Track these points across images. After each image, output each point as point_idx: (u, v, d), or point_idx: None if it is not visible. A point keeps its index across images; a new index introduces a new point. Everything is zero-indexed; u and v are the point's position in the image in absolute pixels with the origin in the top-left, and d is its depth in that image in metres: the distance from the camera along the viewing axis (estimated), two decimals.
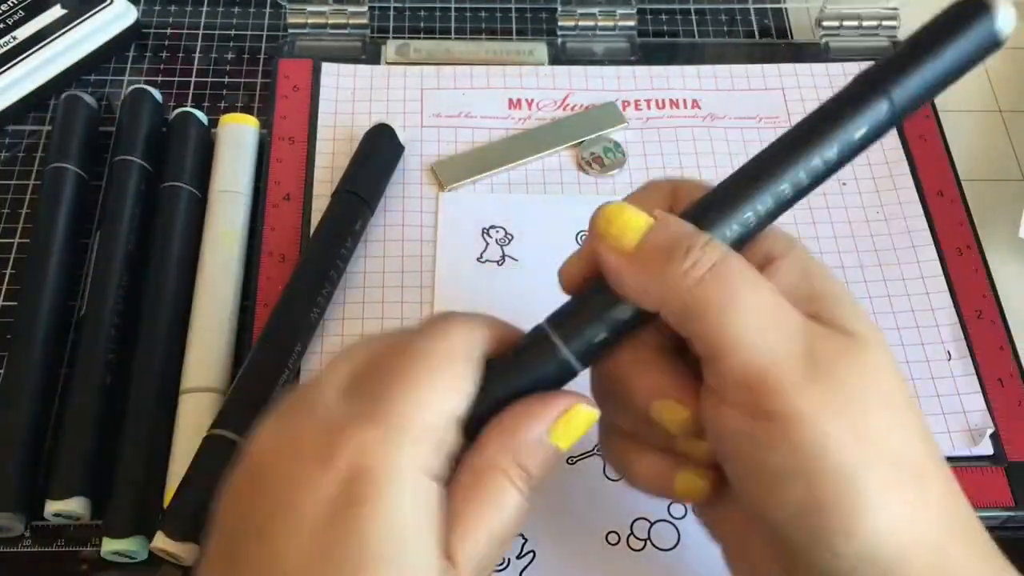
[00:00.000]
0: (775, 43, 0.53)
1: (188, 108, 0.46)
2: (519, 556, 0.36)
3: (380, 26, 0.52)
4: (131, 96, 0.46)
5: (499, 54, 0.50)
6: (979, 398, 0.40)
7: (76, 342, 0.40)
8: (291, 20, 0.50)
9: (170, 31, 0.52)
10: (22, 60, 0.47)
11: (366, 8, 0.51)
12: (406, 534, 0.22)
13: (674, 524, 0.37)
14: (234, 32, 0.52)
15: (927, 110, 0.48)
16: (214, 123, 0.46)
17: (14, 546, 0.37)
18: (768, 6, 0.54)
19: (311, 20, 0.50)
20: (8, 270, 0.43)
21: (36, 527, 0.37)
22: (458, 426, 0.25)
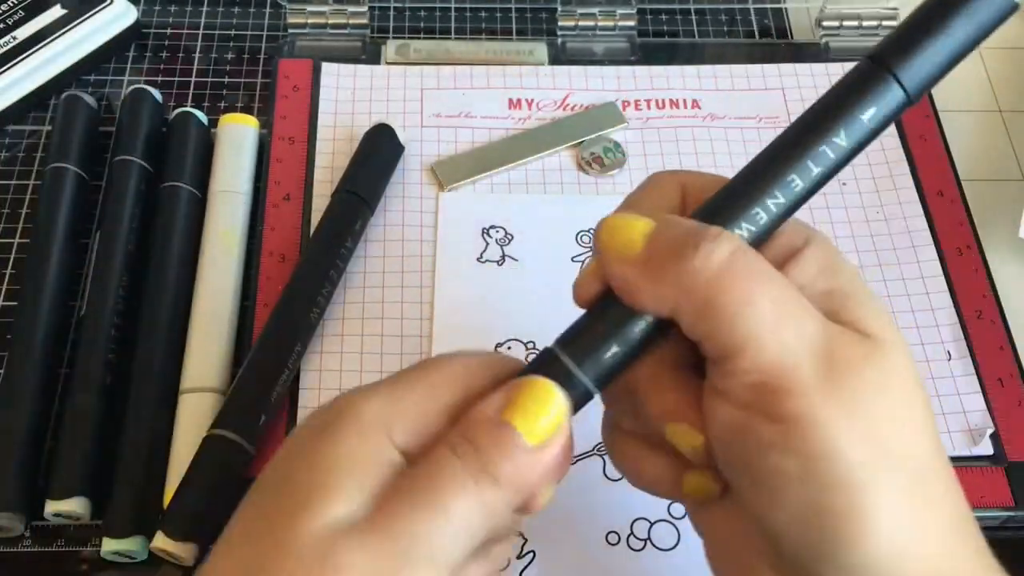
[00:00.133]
0: (775, 43, 0.53)
1: (188, 108, 0.46)
2: (519, 556, 0.36)
3: (380, 26, 0.52)
4: (131, 96, 0.46)
5: (499, 54, 0.50)
6: (979, 398, 0.40)
7: (76, 342, 0.40)
8: (291, 20, 0.50)
9: (170, 31, 0.52)
10: (22, 60, 0.47)
11: (366, 8, 0.51)
12: (326, 474, 0.23)
13: (674, 524, 0.37)
14: (234, 32, 0.52)
15: (927, 110, 0.48)
16: (214, 123, 0.46)
17: (14, 546, 0.37)
18: (768, 6, 0.54)
19: (311, 20, 0.50)
20: (8, 270, 0.43)
21: (36, 527, 0.37)
22: (449, 412, 0.24)
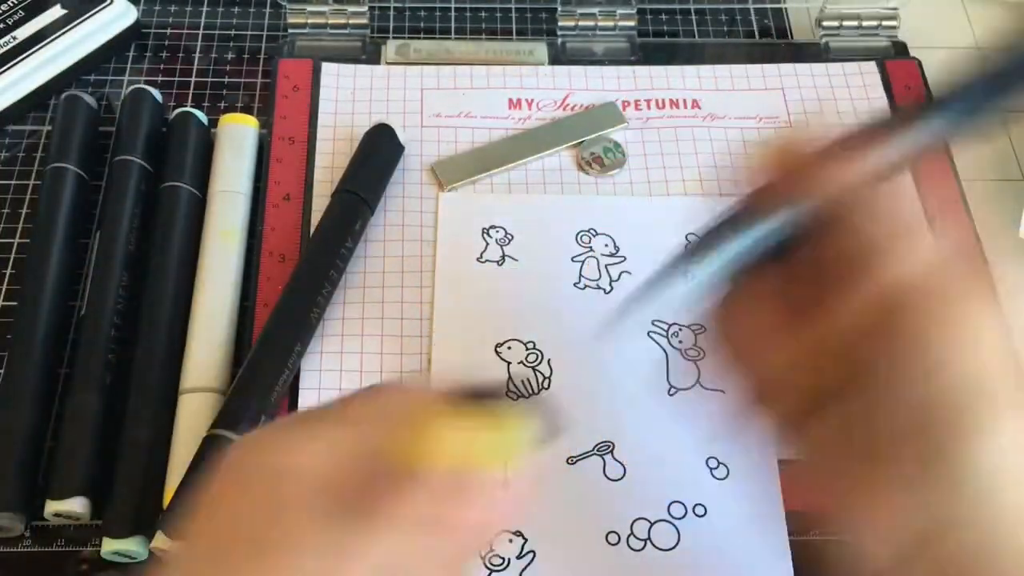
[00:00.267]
0: (775, 43, 0.53)
1: (188, 108, 0.46)
2: (519, 556, 0.36)
3: (380, 26, 0.52)
4: (131, 96, 0.46)
5: (499, 54, 0.50)
6: None
7: (76, 342, 0.40)
8: (291, 20, 0.50)
9: (170, 31, 0.52)
10: (22, 60, 0.47)
11: (366, 8, 0.51)
12: None
13: (674, 524, 0.37)
14: (234, 32, 0.52)
15: None
16: (214, 123, 0.46)
17: (14, 546, 0.37)
18: (768, 6, 0.54)
19: (311, 20, 0.50)
20: (8, 270, 0.43)
21: (36, 527, 0.37)
22: None
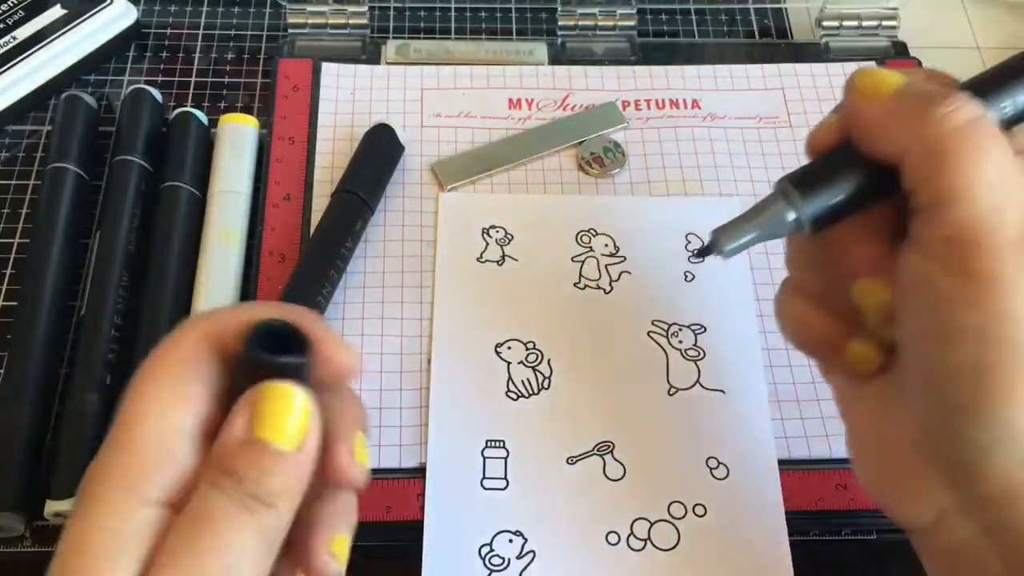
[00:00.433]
0: (775, 43, 0.53)
1: (188, 108, 0.46)
2: (519, 556, 0.36)
3: (380, 26, 0.52)
4: (131, 96, 0.46)
5: (499, 54, 0.50)
6: None
7: (76, 342, 0.40)
8: (291, 20, 0.50)
9: (170, 31, 0.52)
10: (22, 60, 0.47)
11: (366, 8, 0.51)
12: (94, 559, 0.22)
13: (674, 524, 0.37)
14: (234, 32, 0.52)
15: None
16: (214, 123, 0.46)
17: (14, 546, 0.37)
18: (768, 6, 0.54)
19: (311, 20, 0.50)
20: (8, 270, 0.43)
21: (36, 527, 0.37)
22: (195, 441, 0.23)
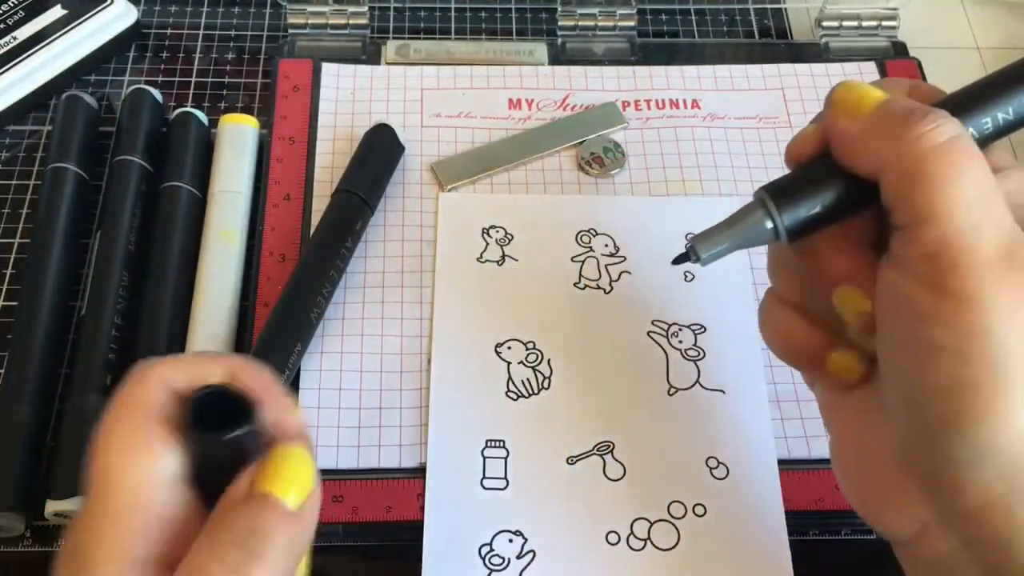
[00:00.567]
0: (775, 43, 0.53)
1: (188, 108, 0.46)
2: (519, 556, 0.36)
3: (380, 26, 0.52)
4: (131, 96, 0.46)
5: (499, 54, 0.50)
6: None
7: (76, 342, 0.40)
8: (291, 20, 0.50)
9: (170, 31, 0.52)
10: (22, 60, 0.47)
11: (366, 8, 0.51)
12: None
13: (674, 524, 0.37)
14: (234, 32, 0.52)
15: None
16: (214, 123, 0.46)
17: (14, 546, 0.37)
18: (768, 6, 0.54)
19: (311, 20, 0.50)
20: (8, 270, 0.43)
21: (36, 527, 0.37)
22: (178, 487, 0.24)
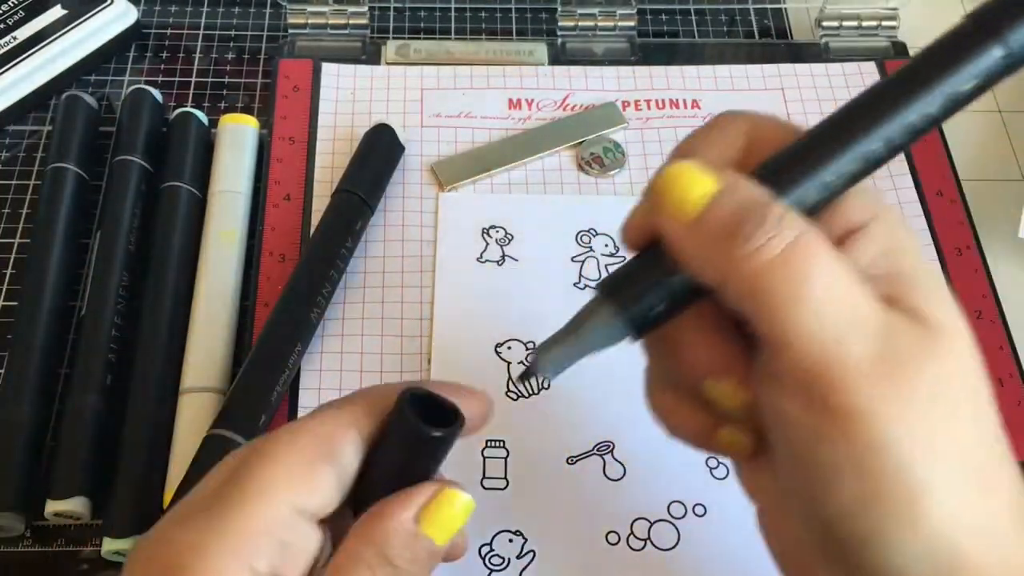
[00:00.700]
0: (775, 43, 0.53)
1: (188, 108, 0.46)
2: (519, 556, 0.36)
3: (380, 26, 0.52)
4: (131, 96, 0.46)
5: (499, 54, 0.50)
6: None
7: (76, 342, 0.40)
8: (291, 20, 0.50)
9: (170, 31, 0.52)
10: (22, 60, 0.47)
11: (366, 8, 0.51)
12: None
13: (674, 524, 0.37)
14: (234, 32, 0.52)
15: None
16: (214, 123, 0.46)
17: (14, 546, 0.37)
18: (768, 6, 0.54)
19: (311, 20, 0.50)
20: (8, 270, 0.43)
21: (36, 527, 0.37)
22: (310, 522, 0.24)
